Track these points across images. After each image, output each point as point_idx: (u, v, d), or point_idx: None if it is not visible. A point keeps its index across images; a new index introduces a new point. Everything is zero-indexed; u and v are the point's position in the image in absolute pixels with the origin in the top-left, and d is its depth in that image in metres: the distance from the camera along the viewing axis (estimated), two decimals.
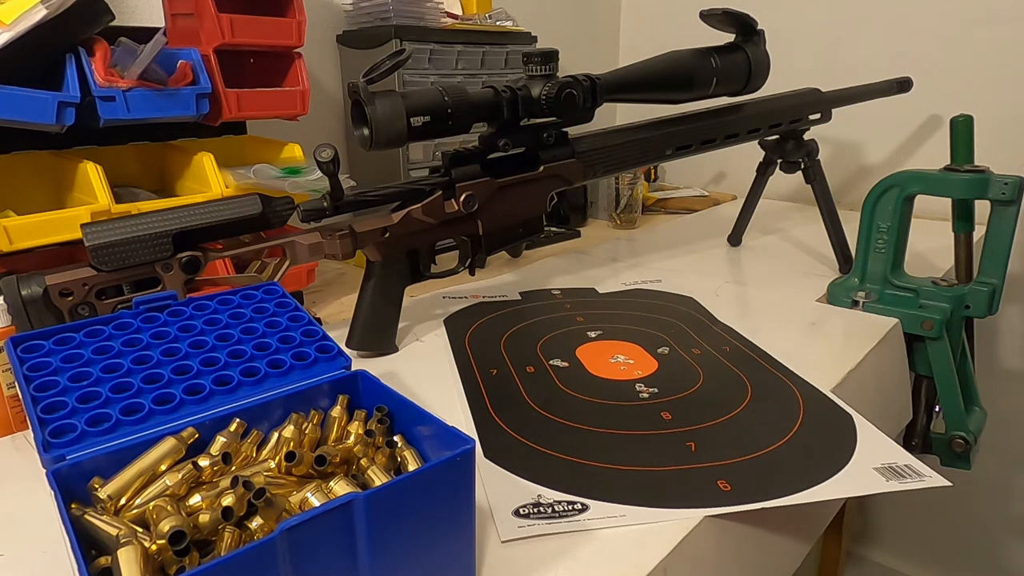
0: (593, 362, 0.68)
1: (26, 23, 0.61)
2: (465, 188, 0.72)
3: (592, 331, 0.75)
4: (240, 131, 0.92)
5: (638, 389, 0.62)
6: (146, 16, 0.86)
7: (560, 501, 0.46)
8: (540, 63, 0.71)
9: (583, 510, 0.45)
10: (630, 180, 1.24)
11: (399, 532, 0.34)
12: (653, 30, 1.64)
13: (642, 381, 0.64)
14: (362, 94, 0.62)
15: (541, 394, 0.61)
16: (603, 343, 0.73)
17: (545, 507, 0.46)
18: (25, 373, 0.41)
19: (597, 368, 0.67)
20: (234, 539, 0.34)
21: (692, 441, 0.54)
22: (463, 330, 0.77)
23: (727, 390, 0.62)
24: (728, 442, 0.54)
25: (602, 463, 0.51)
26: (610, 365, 0.67)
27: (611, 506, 0.46)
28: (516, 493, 0.47)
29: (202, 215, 0.59)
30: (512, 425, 0.56)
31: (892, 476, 0.50)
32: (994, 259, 0.76)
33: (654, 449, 0.53)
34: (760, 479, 0.49)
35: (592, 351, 0.71)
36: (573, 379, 0.64)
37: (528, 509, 0.45)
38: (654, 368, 0.66)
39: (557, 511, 0.45)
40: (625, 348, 0.71)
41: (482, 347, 0.72)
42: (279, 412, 0.42)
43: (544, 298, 0.87)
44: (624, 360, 0.68)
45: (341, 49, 1.12)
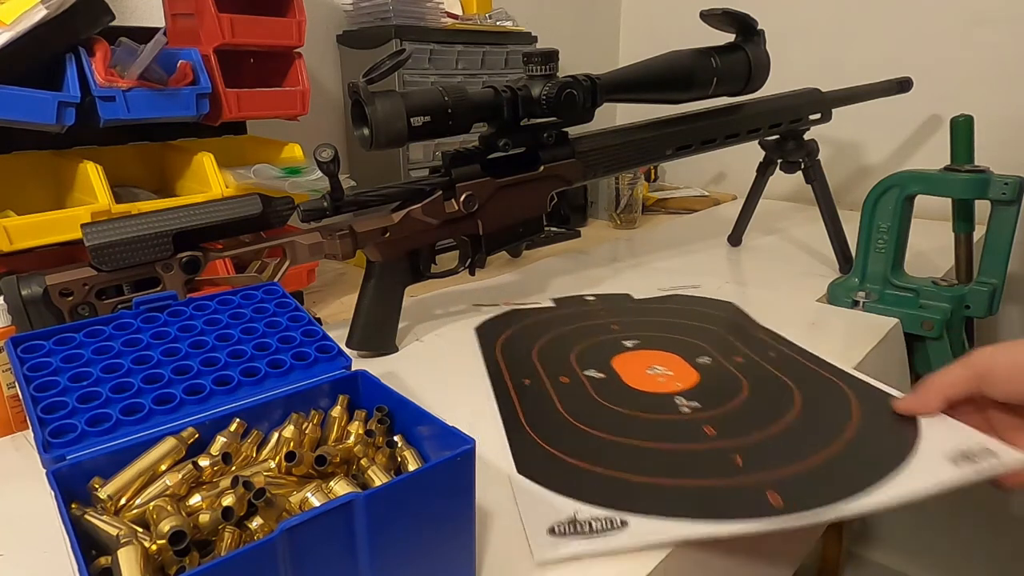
0: (630, 373, 0.65)
1: (26, 23, 0.61)
2: (465, 188, 0.72)
3: (628, 340, 0.72)
4: (240, 131, 0.92)
5: (678, 403, 0.59)
6: (146, 16, 0.86)
7: (598, 518, 0.43)
8: (540, 63, 0.71)
9: (623, 527, 0.42)
10: (630, 180, 1.24)
11: (399, 532, 0.34)
12: (653, 30, 1.64)
13: (683, 394, 0.60)
14: (362, 94, 0.62)
15: (576, 406, 0.59)
16: (640, 353, 0.69)
17: (582, 524, 0.43)
18: (25, 373, 0.41)
19: (634, 380, 0.63)
20: (234, 539, 0.34)
21: (738, 455, 0.50)
22: (494, 338, 0.74)
23: (774, 399, 0.59)
24: (777, 453, 0.51)
25: (643, 477, 0.48)
26: (647, 377, 0.64)
27: (654, 521, 0.43)
28: (551, 510, 0.45)
29: (202, 215, 0.59)
30: (546, 438, 0.54)
31: (965, 462, 0.46)
32: (994, 259, 0.76)
33: (698, 463, 0.50)
34: (814, 488, 0.46)
35: (628, 361, 0.67)
36: (609, 391, 0.61)
37: (564, 527, 0.43)
38: (695, 380, 0.63)
39: (595, 528, 0.42)
40: (663, 358, 0.68)
41: (514, 356, 0.69)
42: (279, 412, 0.42)
43: (578, 305, 0.84)
44: (663, 371, 0.64)
45: (341, 49, 1.12)
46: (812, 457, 0.49)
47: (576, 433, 0.55)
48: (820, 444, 0.51)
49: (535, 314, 0.81)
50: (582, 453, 0.51)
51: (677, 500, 0.45)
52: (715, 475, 0.48)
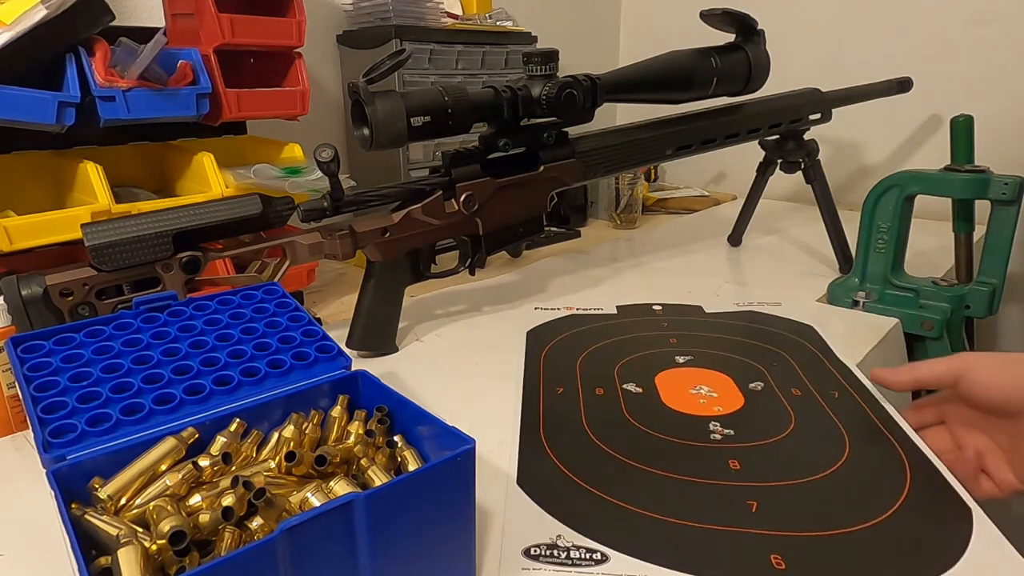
0: (671, 390, 0.61)
1: (26, 23, 0.61)
2: (465, 188, 0.72)
3: (682, 355, 0.68)
4: (240, 131, 0.92)
5: (711, 428, 0.54)
6: (146, 16, 0.86)
7: (579, 547, 0.41)
8: (540, 63, 0.71)
9: (601, 561, 0.40)
10: (630, 180, 1.24)
11: (399, 532, 0.34)
12: (653, 30, 1.64)
13: (719, 419, 0.56)
14: (362, 94, 0.62)
15: (601, 420, 0.56)
16: (689, 370, 0.65)
17: (560, 551, 0.41)
18: (25, 373, 0.41)
19: (673, 398, 0.60)
20: (234, 539, 0.34)
21: (755, 500, 0.45)
22: (543, 343, 0.71)
23: (817, 445, 0.52)
24: (799, 508, 0.45)
25: (641, 508, 0.45)
26: (689, 396, 0.60)
27: (633, 562, 0.40)
28: (535, 529, 0.43)
29: (202, 215, 0.59)
30: (557, 450, 0.51)
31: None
32: (994, 259, 0.76)
33: (707, 501, 0.46)
34: (827, 565, 0.40)
35: (673, 378, 0.63)
36: (642, 407, 0.58)
37: (540, 550, 0.41)
38: (738, 405, 0.58)
39: (572, 558, 0.40)
40: (712, 378, 0.63)
41: (557, 362, 0.66)
42: (279, 412, 0.42)
43: (642, 314, 0.79)
44: (707, 392, 0.61)
45: (341, 49, 1.12)
46: (839, 527, 0.43)
47: (590, 450, 0.52)
48: (854, 514, 0.44)
49: (593, 321, 0.77)
50: (588, 472, 0.49)
51: (670, 541, 0.42)
52: (722, 519, 0.44)
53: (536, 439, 0.53)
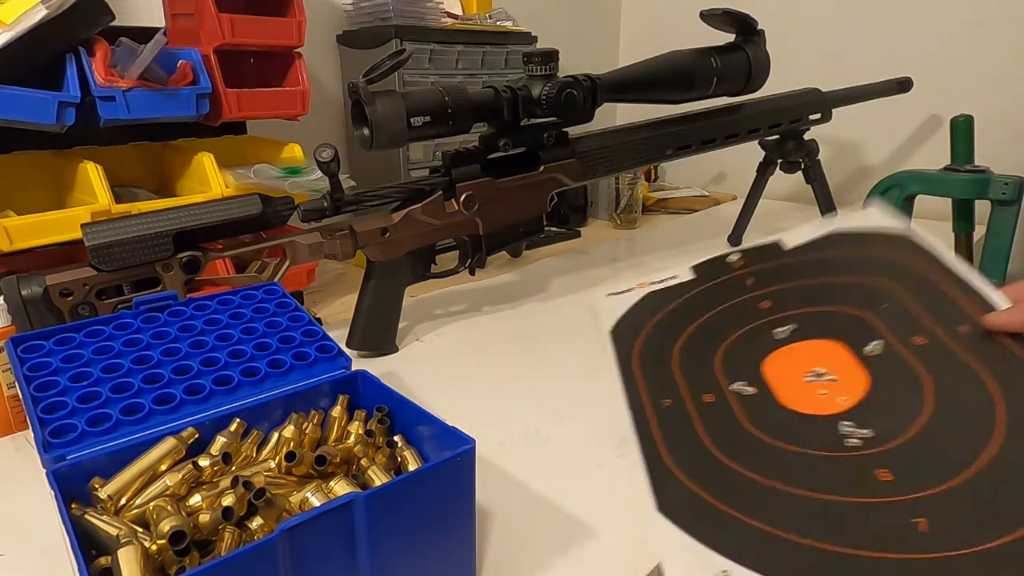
0: (784, 384, 0.52)
1: (26, 23, 0.61)
2: (465, 188, 0.72)
3: (781, 326, 0.56)
4: (240, 131, 0.92)
5: (843, 431, 0.46)
6: (146, 16, 0.86)
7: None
8: (540, 63, 0.71)
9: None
10: (630, 180, 1.24)
11: (399, 532, 0.34)
12: (653, 30, 1.64)
13: (848, 417, 0.47)
14: (362, 94, 0.62)
15: (722, 433, 0.49)
16: (795, 348, 0.55)
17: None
18: (25, 373, 0.41)
19: (789, 394, 0.51)
20: (234, 539, 0.34)
21: (921, 517, 0.39)
22: (631, 342, 0.62)
23: (968, 415, 0.43)
24: (973, 512, 0.38)
25: (801, 537, 0.40)
26: (805, 389, 0.51)
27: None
28: (699, 567, 0.39)
29: (202, 215, 0.59)
30: (689, 473, 0.46)
31: None
32: (994, 259, 0.76)
33: (869, 525, 0.40)
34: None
35: (782, 364, 0.54)
36: (760, 412, 0.51)
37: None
38: (863, 389, 0.48)
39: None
40: (823, 352, 0.53)
41: (652, 366, 0.58)
42: (279, 412, 0.42)
43: (721, 271, 0.67)
44: (824, 378, 0.51)
45: (341, 49, 1.12)
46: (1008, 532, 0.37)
47: (722, 471, 0.46)
48: None
49: (673, 295, 0.65)
50: (729, 496, 0.43)
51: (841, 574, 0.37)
52: (892, 546, 0.38)
53: (659, 462, 0.47)
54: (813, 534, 0.39)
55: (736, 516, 0.42)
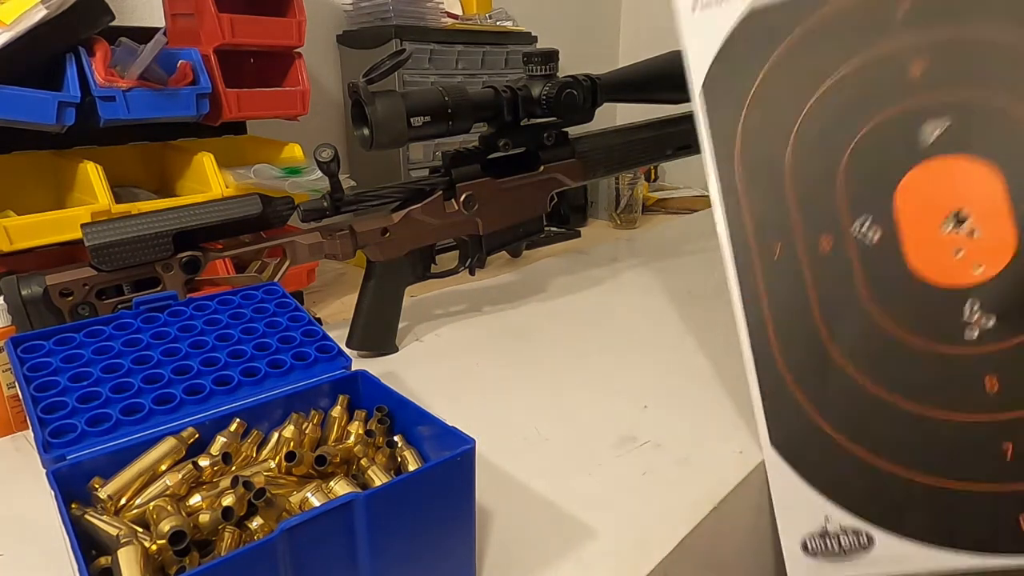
0: (917, 228, 0.40)
1: (26, 23, 0.61)
2: (465, 188, 0.72)
3: (932, 119, 0.40)
4: (240, 131, 0.92)
5: (967, 316, 0.37)
6: (146, 16, 0.86)
7: (847, 530, 0.36)
8: (540, 63, 0.71)
9: (867, 546, 0.36)
10: (630, 180, 1.24)
11: (399, 532, 0.34)
12: (653, 30, 1.64)
13: (979, 293, 0.37)
14: (362, 94, 0.62)
15: (834, 308, 0.39)
16: (941, 167, 0.40)
17: (832, 539, 0.37)
18: (25, 373, 0.41)
19: (920, 247, 0.39)
20: (234, 539, 0.34)
21: (1011, 440, 0.35)
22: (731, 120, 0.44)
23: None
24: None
25: (897, 465, 0.37)
26: (940, 243, 0.39)
27: (895, 543, 0.35)
28: (803, 513, 0.38)
29: (202, 215, 0.59)
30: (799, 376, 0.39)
31: None
32: None
33: (957, 447, 0.36)
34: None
35: (920, 194, 0.40)
36: (881, 273, 0.40)
37: (815, 543, 0.37)
38: (1007, 254, 0.37)
39: (843, 546, 0.36)
40: (974, 183, 0.39)
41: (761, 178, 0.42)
42: (279, 412, 0.42)
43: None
44: (966, 227, 0.39)
45: (341, 49, 1.12)
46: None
47: (831, 370, 0.39)
48: None
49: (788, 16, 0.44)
50: (838, 414, 0.38)
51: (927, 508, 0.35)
52: (971, 473, 0.35)
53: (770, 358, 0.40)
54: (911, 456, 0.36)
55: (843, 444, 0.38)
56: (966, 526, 0.35)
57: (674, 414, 0.58)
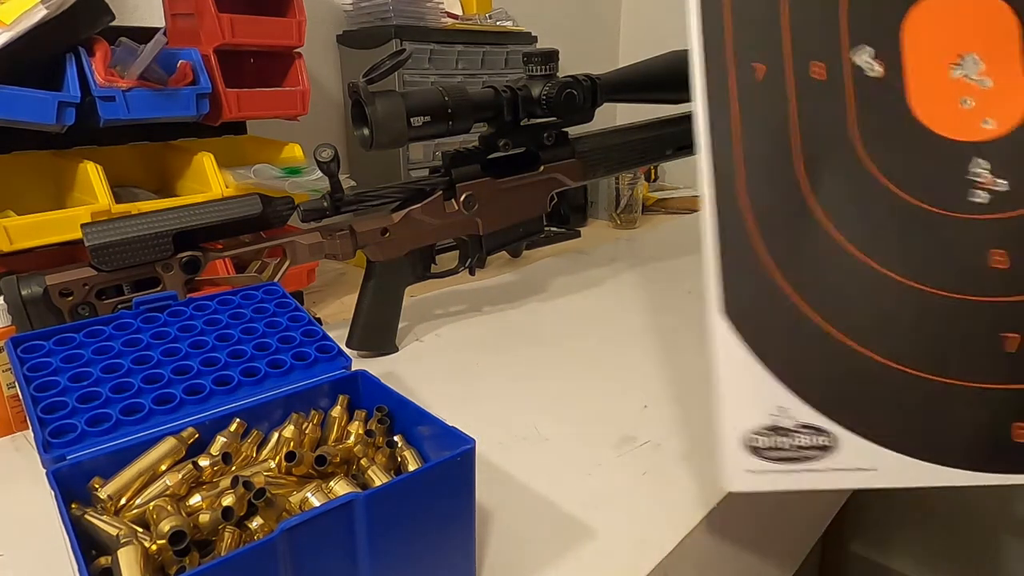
0: (923, 68, 0.35)
1: (26, 23, 0.61)
2: (465, 188, 0.72)
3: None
4: (240, 131, 0.92)
5: (973, 176, 0.32)
6: (146, 16, 0.86)
7: (806, 427, 0.31)
8: (540, 63, 0.71)
9: (829, 448, 0.30)
10: (630, 180, 1.24)
11: (399, 532, 0.34)
12: (653, 30, 1.64)
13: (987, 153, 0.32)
14: (362, 94, 0.62)
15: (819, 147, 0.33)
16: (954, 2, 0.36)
17: (784, 435, 0.31)
18: (25, 373, 0.41)
19: (924, 89, 0.34)
20: (234, 539, 0.34)
21: (1010, 328, 0.30)
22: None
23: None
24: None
25: (874, 350, 0.31)
26: (947, 88, 0.34)
27: (863, 447, 0.30)
28: (752, 400, 0.32)
29: (202, 215, 0.59)
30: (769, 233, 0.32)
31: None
32: None
33: (951, 335, 0.31)
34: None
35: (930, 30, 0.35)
36: (879, 111, 0.34)
37: (764, 438, 0.31)
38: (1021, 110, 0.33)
39: (799, 446, 0.30)
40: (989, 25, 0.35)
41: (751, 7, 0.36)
42: (279, 412, 0.42)
43: None
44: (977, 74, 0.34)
45: (341, 49, 1.12)
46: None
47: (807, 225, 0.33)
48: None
49: None
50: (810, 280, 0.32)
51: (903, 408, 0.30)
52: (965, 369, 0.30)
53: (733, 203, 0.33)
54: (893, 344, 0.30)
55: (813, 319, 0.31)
56: (950, 432, 0.30)
57: (674, 414, 0.58)
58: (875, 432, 0.30)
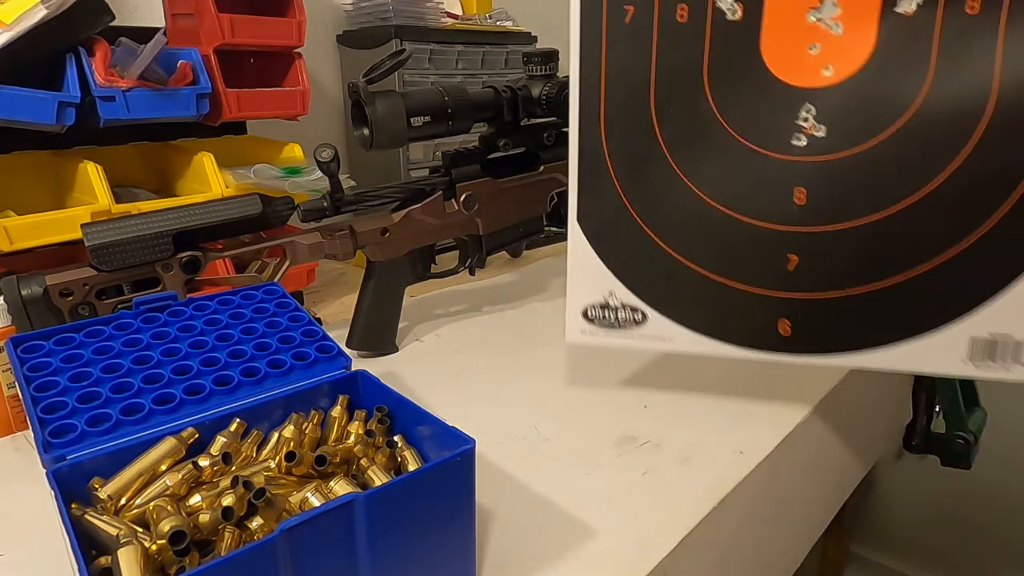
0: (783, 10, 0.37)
1: (26, 23, 0.61)
2: (465, 188, 0.72)
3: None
4: (240, 131, 0.92)
5: (801, 120, 0.36)
6: (146, 16, 0.86)
7: (626, 306, 0.42)
8: (540, 63, 0.71)
9: (641, 322, 0.42)
10: None
11: (399, 532, 0.34)
12: None
13: (818, 99, 0.35)
14: (362, 94, 0.62)
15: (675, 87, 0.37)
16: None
17: (611, 311, 0.43)
18: (25, 373, 0.41)
19: (779, 33, 0.36)
20: (234, 539, 0.34)
21: (796, 252, 0.37)
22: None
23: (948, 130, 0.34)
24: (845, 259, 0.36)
25: (687, 258, 0.40)
26: (801, 33, 0.36)
27: (665, 324, 0.41)
28: (591, 284, 0.44)
29: (202, 215, 0.59)
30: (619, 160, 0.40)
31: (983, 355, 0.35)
32: None
33: (748, 252, 0.38)
34: (831, 325, 0.37)
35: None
36: (731, 59, 0.37)
37: (595, 311, 0.43)
38: (859, 61, 0.36)
39: (620, 319, 0.42)
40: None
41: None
42: (279, 412, 0.42)
43: None
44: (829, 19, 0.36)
45: (341, 49, 1.12)
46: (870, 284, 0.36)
47: (651, 156, 0.39)
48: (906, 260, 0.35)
49: None
50: (646, 200, 0.41)
51: (699, 300, 0.40)
52: (748, 277, 0.39)
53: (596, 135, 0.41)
54: (700, 252, 0.40)
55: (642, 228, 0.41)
56: (734, 321, 0.40)
57: (674, 414, 0.58)
58: (676, 313, 0.41)
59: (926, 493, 1.45)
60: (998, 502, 1.35)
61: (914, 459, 1.39)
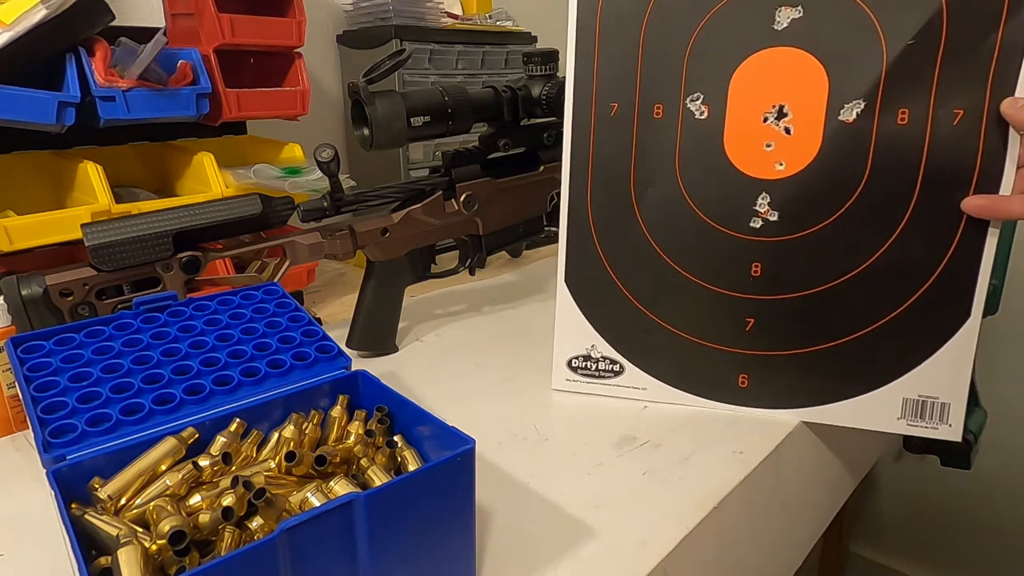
0: (742, 114, 0.44)
1: (26, 23, 0.61)
2: (465, 188, 0.72)
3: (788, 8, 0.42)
4: (240, 131, 0.92)
5: (758, 206, 0.43)
6: (146, 16, 0.86)
7: (606, 358, 0.48)
8: (540, 63, 0.71)
9: (618, 373, 0.47)
10: None
11: (399, 532, 0.34)
12: None
13: (772, 189, 0.43)
14: (362, 94, 0.62)
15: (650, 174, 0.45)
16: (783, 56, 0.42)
17: (593, 362, 0.48)
18: (25, 373, 0.41)
19: (739, 131, 0.43)
20: (234, 539, 0.34)
21: (753, 316, 0.44)
22: None
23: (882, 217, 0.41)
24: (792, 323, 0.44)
25: (660, 318, 0.47)
26: (757, 132, 0.43)
27: (639, 375, 0.47)
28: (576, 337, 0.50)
29: (202, 215, 0.59)
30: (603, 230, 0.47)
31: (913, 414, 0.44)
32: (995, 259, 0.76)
33: (714, 314, 0.46)
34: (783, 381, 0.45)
35: (753, 81, 0.43)
36: (698, 150, 0.44)
37: (579, 362, 0.48)
38: (809, 157, 0.43)
39: (600, 370, 0.48)
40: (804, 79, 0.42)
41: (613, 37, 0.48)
42: (279, 412, 0.42)
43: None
44: (783, 122, 0.42)
45: (341, 49, 1.12)
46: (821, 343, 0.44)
47: (630, 228, 0.47)
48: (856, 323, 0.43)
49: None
50: (626, 267, 0.48)
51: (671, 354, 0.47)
52: (715, 335, 0.46)
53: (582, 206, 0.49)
54: (673, 313, 0.47)
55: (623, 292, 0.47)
56: (700, 374, 0.47)
57: (674, 414, 0.58)
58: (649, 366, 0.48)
59: (926, 493, 1.45)
60: (998, 502, 1.35)
61: (914, 459, 1.40)
